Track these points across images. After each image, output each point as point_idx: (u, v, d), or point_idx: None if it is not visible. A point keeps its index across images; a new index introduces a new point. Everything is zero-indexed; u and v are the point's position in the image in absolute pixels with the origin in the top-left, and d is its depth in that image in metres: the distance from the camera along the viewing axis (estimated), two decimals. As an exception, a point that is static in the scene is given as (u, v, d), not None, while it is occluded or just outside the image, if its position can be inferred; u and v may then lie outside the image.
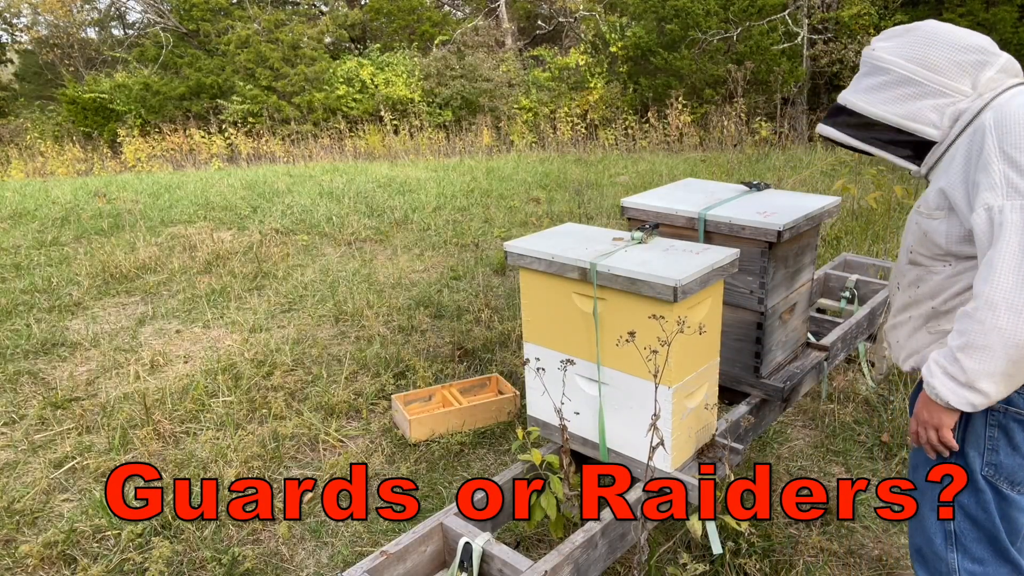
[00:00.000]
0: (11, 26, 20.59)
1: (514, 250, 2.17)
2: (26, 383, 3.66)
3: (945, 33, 1.41)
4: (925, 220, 1.45)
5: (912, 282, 1.54)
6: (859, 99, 1.46)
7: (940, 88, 1.39)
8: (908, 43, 1.43)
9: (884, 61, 1.44)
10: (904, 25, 1.48)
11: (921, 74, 1.40)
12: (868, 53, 1.48)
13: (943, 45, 1.40)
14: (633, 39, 13.83)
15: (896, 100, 1.43)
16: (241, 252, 5.84)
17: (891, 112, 1.43)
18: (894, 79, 1.42)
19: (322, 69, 15.39)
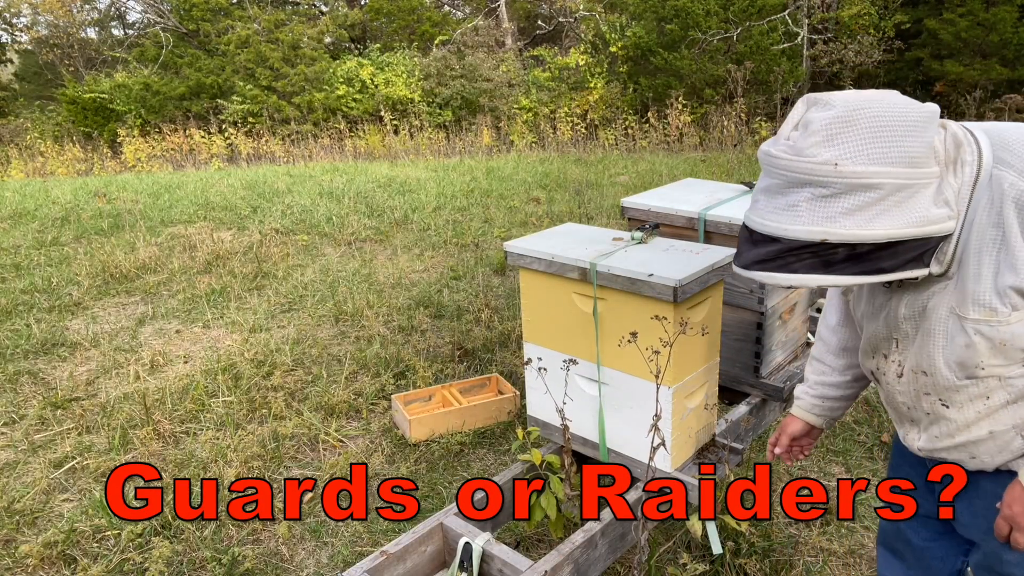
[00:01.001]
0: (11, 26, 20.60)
1: (514, 250, 2.17)
2: (26, 383, 3.66)
3: (893, 112, 1.12)
4: (997, 328, 1.18)
5: (978, 396, 1.26)
6: (848, 227, 1.10)
7: (927, 180, 1.14)
8: (871, 142, 1.09)
9: (865, 176, 1.09)
10: (829, 114, 1.11)
11: (908, 175, 1.11)
12: (833, 173, 1.09)
13: (907, 129, 1.11)
14: (633, 39, 13.84)
15: (891, 212, 1.11)
16: (241, 252, 5.84)
17: (898, 226, 1.12)
18: (884, 194, 1.10)
19: (322, 69, 15.39)
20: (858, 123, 1.09)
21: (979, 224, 1.17)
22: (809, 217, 1.10)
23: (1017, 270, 1.13)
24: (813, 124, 1.11)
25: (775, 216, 1.14)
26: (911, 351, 1.31)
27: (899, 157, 1.10)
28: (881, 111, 1.10)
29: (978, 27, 11.13)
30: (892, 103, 1.12)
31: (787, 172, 1.11)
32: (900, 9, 12.56)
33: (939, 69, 11.60)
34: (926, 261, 1.18)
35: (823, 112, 1.11)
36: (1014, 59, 10.99)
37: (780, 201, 1.14)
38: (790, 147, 1.12)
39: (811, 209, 1.10)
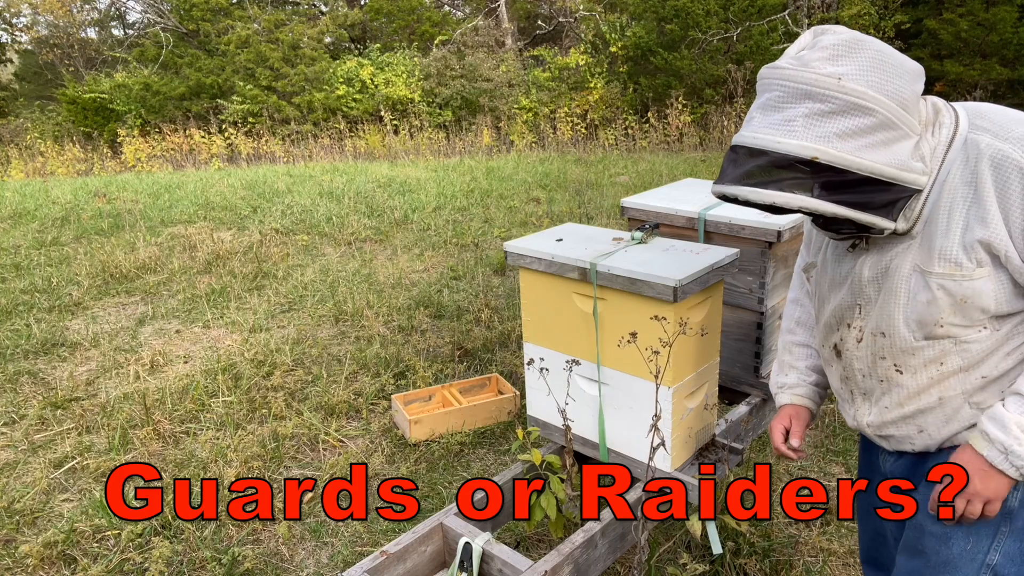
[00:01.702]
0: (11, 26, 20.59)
1: (514, 250, 2.17)
2: (26, 383, 3.66)
3: (892, 54, 1.15)
4: (961, 283, 1.18)
5: (932, 360, 1.26)
6: (840, 149, 1.09)
7: (910, 129, 1.15)
8: (872, 70, 1.11)
9: (865, 98, 1.09)
10: (838, 37, 1.14)
11: (899, 115, 1.13)
12: (835, 86, 1.10)
13: (902, 72, 1.14)
14: (633, 39, 13.84)
15: (879, 147, 1.12)
16: (241, 252, 5.84)
17: (883, 163, 1.12)
18: (877, 123, 1.11)
19: (322, 69, 15.39)
20: (864, 51, 1.12)
21: (951, 183, 1.19)
22: (804, 133, 1.10)
23: (987, 223, 1.15)
24: (821, 42, 1.14)
25: (769, 130, 1.13)
26: (873, 314, 1.32)
27: (894, 92, 1.12)
28: (884, 48, 1.15)
29: (978, 27, 11.12)
30: (890, 49, 1.16)
31: (789, 82, 1.12)
32: (900, 9, 12.56)
33: (939, 69, 11.60)
34: (894, 214, 1.19)
35: (831, 37, 1.15)
36: (1014, 59, 10.99)
37: (776, 116, 1.14)
38: (797, 59, 1.14)
39: (807, 125, 1.10)
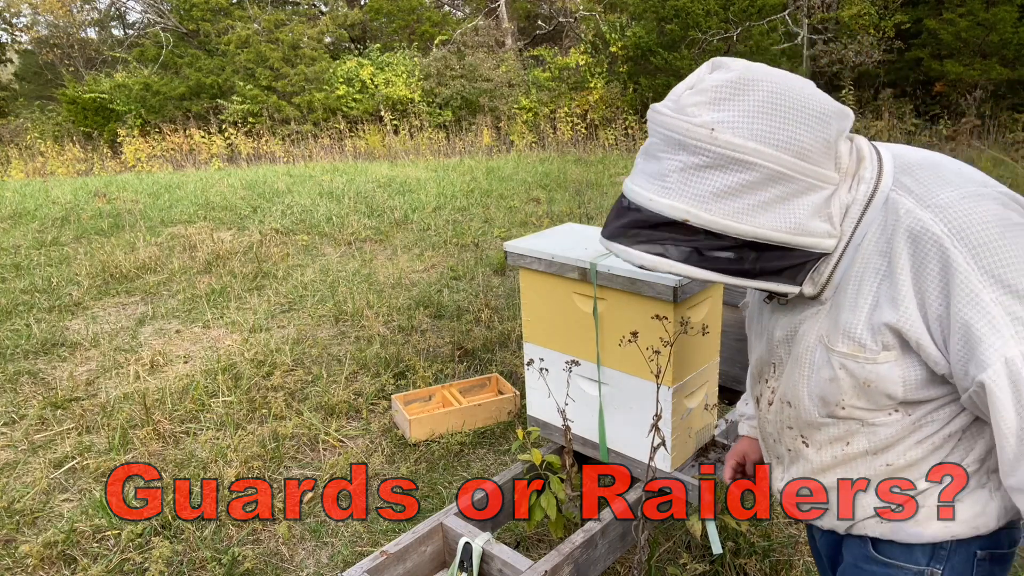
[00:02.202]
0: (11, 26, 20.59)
1: (514, 250, 2.17)
2: (26, 383, 3.66)
3: (793, 94, 0.96)
4: (864, 366, 1.03)
5: (837, 438, 1.14)
6: (714, 212, 0.94)
7: (817, 180, 0.98)
8: (759, 116, 0.94)
9: (743, 151, 0.93)
10: (726, 76, 0.97)
11: (794, 167, 0.95)
12: (707, 138, 0.94)
13: (805, 116, 0.95)
14: (633, 39, 13.84)
15: (767, 206, 0.95)
16: (241, 252, 5.84)
17: (769, 227, 0.96)
18: (763, 178, 0.94)
19: (322, 69, 15.39)
20: (752, 92, 0.95)
21: (865, 249, 1.02)
22: (677, 190, 0.95)
23: (898, 305, 0.98)
24: (705, 82, 0.98)
25: (645, 183, 1.00)
26: (783, 379, 1.20)
27: (788, 141, 0.94)
28: (781, 89, 0.96)
29: (978, 27, 11.12)
30: (797, 87, 0.97)
31: (664, 130, 0.98)
32: (900, 9, 12.56)
33: (939, 69, 11.60)
34: (799, 279, 1.04)
35: (719, 75, 0.98)
36: (1014, 59, 10.99)
37: (653, 167, 1.00)
38: (675, 102, 0.99)
39: (680, 181, 0.96)
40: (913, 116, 11.46)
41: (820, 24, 13.21)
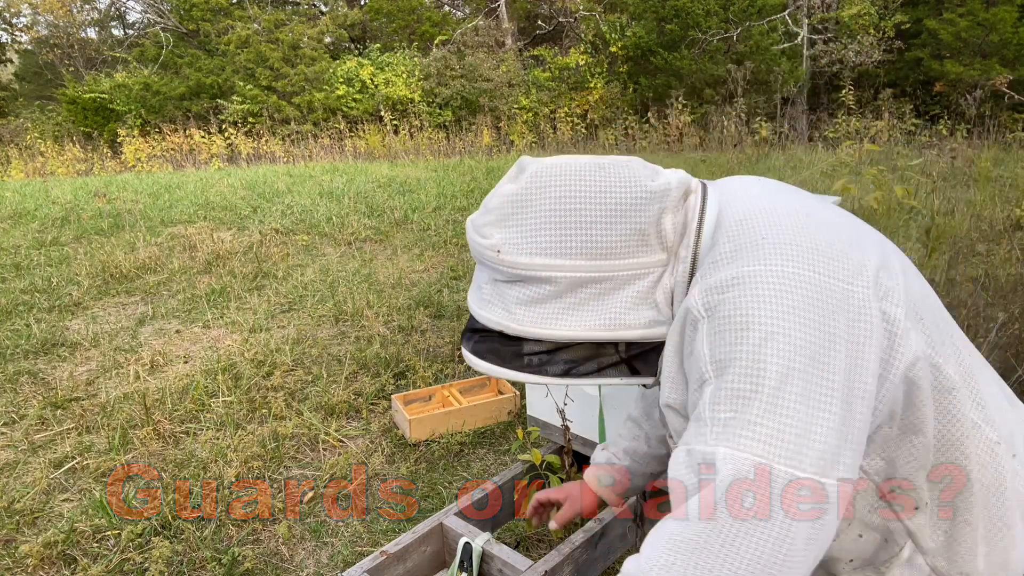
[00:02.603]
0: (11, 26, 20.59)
1: (514, 250, 2.17)
2: (26, 383, 3.66)
3: (591, 192, 0.91)
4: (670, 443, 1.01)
5: None
6: (523, 321, 0.93)
7: (634, 271, 0.93)
8: (545, 229, 0.90)
9: (532, 269, 0.91)
10: (512, 189, 0.94)
11: (597, 268, 0.91)
12: (496, 259, 0.92)
13: (603, 215, 0.91)
14: (633, 39, 13.84)
15: (579, 307, 0.93)
16: (241, 252, 5.84)
17: (583, 327, 0.93)
18: (565, 287, 0.92)
19: (322, 69, 15.39)
20: (534, 205, 0.92)
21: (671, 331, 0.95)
22: (489, 301, 0.96)
23: (675, 386, 0.94)
24: (495, 198, 0.96)
25: (471, 291, 1.01)
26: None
27: (580, 248, 0.91)
28: (571, 193, 0.92)
29: (978, 27, 11.13)
30: (594, 183, 0.93)
31: (471, 244, 0.98)
32: (900, 9, 12.56)
33: (939, 69, 11.60)
34: (633, 368, 0.99)
35: (509, 184, 0.96)
36: (1014, 59, 10.99)
37: (477, 276, 1.01)
38: (474, 220, 0.98)
39: (491, 293, 0.96)
40: (913, 116, 11.47)
41: (820, 24, 13.22)
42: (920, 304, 0.91)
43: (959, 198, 6.57)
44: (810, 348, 0.78)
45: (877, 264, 0.88)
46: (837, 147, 9.96)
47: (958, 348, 0.94)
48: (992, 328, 3.29)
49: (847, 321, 0.80)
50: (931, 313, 0.93)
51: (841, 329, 0.80)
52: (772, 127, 11.45)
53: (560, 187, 0.92)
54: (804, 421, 0.76)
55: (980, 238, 5.44)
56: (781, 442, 0.76)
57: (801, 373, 0.77)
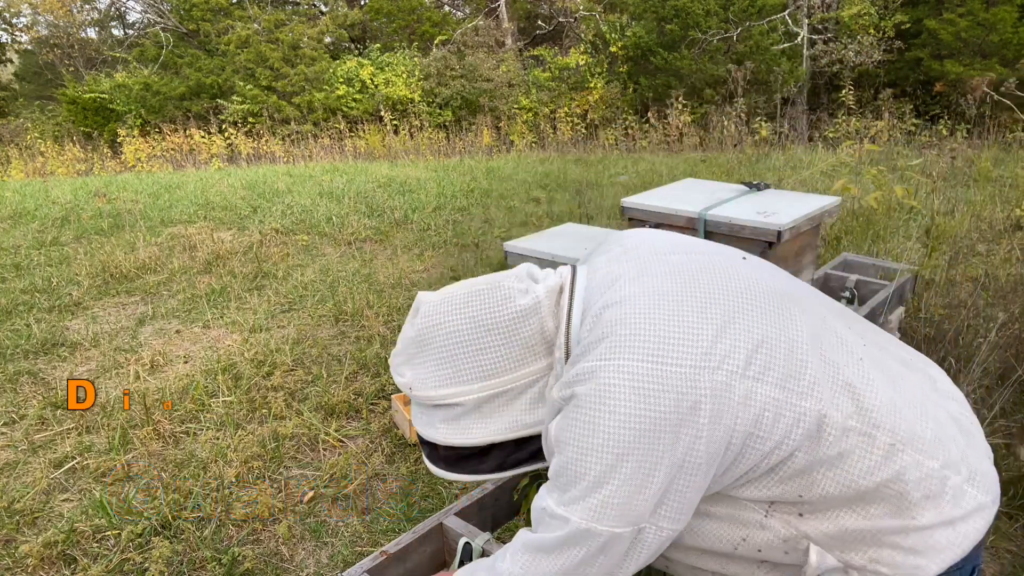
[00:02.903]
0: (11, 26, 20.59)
1: (514, 250, 2.17)
2: (26, 383, 3.66)
3: (476, 323, 1.07)
4: None
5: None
6: (448, 436, 1.12)
7: (524, 381, 1.09)
8: (443, 364, 1.08)
9: (442, 399, 1.09)
10: (409, 334, 1.12)
11: (494, 385, 1.08)
12: (411, 395, 1.13)
13: (489, 342, 1.07)
14: (633, 39, 13.84)
15: (488, 418, 1.10)
16: (241, 252, 5.84)
17: (494, 432, 1.11)
18: (471, 406, 1.09)
19: (322, 69, 15.39)
20: (431, 345, 1.09)
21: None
22: (419, 420, 1.15)
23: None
24: (400, 342, 1.15)
25: (412, 409, 1.20)
26: None
27: (477, 372, 1.07)
28: (459, 328, 1.07)
29: (978, 27, 11.13)
30: (478, 313, 1.08)
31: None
32: (900, 9, 12.56)
33: (939, 69, 11.60)
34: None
35: (409, 328, 1.13)
36: (1014, 59, 10.99)
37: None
38: (391, 359, 1.17)
39: (422, 414, 1.15)
40: (913, 116, 11.47)
41: (820, 24, 13.22)
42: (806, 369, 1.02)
43: (959, 198, 6.57)
44: (635, 436, 0.94)
45: (752, 342, 0.99)
46: (837, 147, 9.96)
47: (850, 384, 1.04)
48: (992, 328, 3.29)
49: (685, 408, 0.95)
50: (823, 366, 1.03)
51: (671, 417, 0.94)
52: (772, 127, 11.45)
53: (446, 324, 1.08)
54: (617, 497, 0.97)
55: (980, 238, 5.44)
56: (605, 509, 0.97)
57: (625, 457, 0.95)
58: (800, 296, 1.11)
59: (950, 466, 1.06)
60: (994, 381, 3.06)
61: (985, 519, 1.08)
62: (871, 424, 1.02)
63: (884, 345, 1.16)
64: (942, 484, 1.04)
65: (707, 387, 0.95)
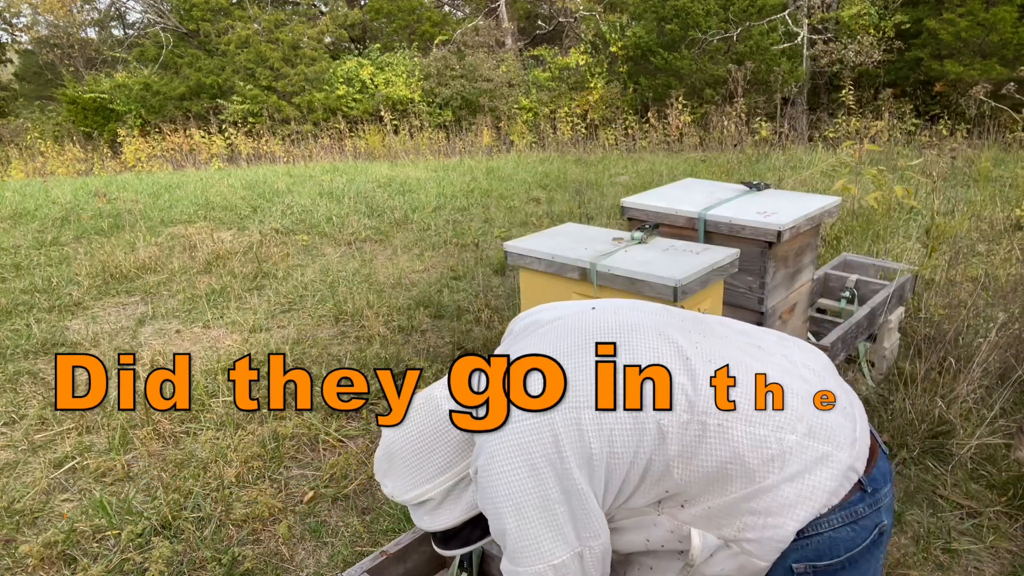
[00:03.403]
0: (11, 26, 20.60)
1: (514, 250, 2.17)
2: (26, 383, 3.66)
3: (420, 436, 1.33)
4: None
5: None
6: (435, 523, 1.38)
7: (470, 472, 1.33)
8: (409, 472, 1.34)
9: (416, 498, 1.35)
10: (379, 454, 1.39)
11: (449, 477, 1.33)
12: (397, 500, 1.41)
13: (433, 445, 1.32)
14: (633, 39, 13.84)
15: (456, 502, 1.36)
16: (241, 252, 5.84)
17: (461, 514, 1.37)
18: (441, 497, 1.35)
19: (322, 69, 15.39)
20: (395, 458, 1.35)
21: None
22: (414, 517, 1.41)
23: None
24: (375, 461, 1.41)
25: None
26: None
27: (432, 472, 1.32)
28: (407, 440, 1.33)
29: (978, 27, 11.12)
30: (416, 425, 1.33)
31: None
32: (900, 9, 12.56)
33: (939, 69, 11.60)
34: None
35: (379, 450, 1.39)
36: (1014, 59, 10.99)
37: None
38: (374, 474, 1.46)
39: (411, 511, 1.41)
40: (913, 116, 11.47)
41: (820, 24, 13.21)
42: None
43: (959, 198, 6.57)
44: (523, 485, 1.17)
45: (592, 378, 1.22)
46: (837, 147, 9.96)
47: (681, 384, 1.21)
48: (992, 328, 3.29)
49: (552, 449, 1.17)
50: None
51: (545, 460, 1.17)
52: (772, 127, 11.45)
53: (400, 440, 1.34)
54: (540, 536, 1.18)
55: (980, 238, 5.44)
56: (540, 553, 1.18)
57: (524, 505, 1.18)
58: (636, 323, 1.31)
59: (784, 427, 1.17)
60: (994, 381, 3.06)
61: (831, 468, 1.17)
62: (702, 412, 1.17)
63: (724, 335, 1.34)
64: (780, 445, 1.16)
65: (561, 425, 1.17)
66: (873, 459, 1.25)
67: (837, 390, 1.28)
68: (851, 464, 1.18)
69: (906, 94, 12.58)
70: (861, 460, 1.21)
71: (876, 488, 1.21)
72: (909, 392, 3.00)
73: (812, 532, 1.17)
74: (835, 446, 1.18)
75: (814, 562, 1.19)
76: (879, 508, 1.21)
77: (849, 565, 1.20)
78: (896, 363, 3.44)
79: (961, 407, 2.86)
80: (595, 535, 1.20)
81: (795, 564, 1.19)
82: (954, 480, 2.61)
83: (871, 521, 1.20)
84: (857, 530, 1.18)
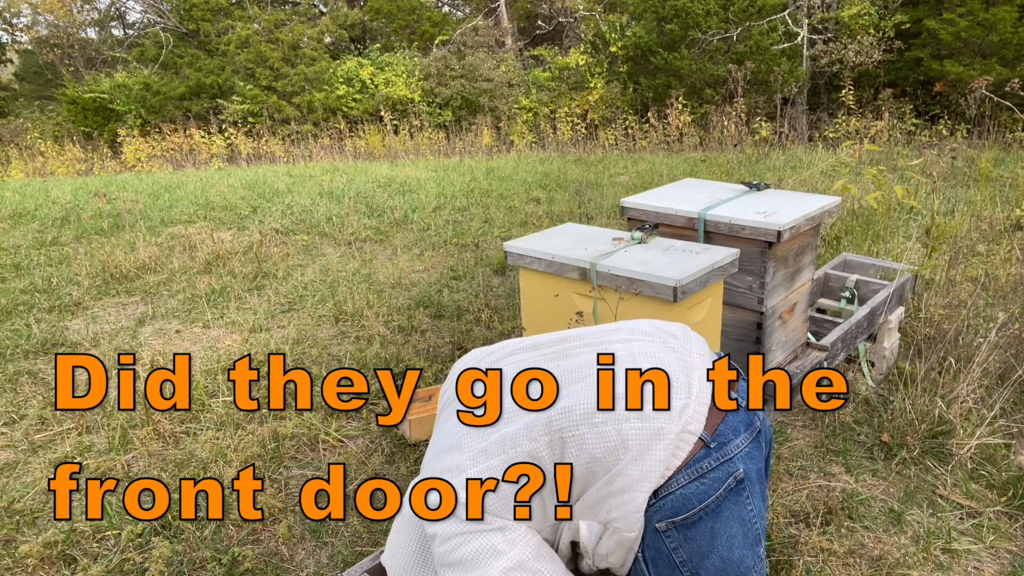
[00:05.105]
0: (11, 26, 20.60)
1: (514, 250, 2.18)
2: (26, 383, 3.66)
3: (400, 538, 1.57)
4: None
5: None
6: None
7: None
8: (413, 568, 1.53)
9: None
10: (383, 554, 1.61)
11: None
12: None
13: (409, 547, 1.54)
14: (633, 39, 13.84)
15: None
16: (241, 252, 5.84)
17: None
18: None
19: (322, 69, 15.39)
20: (400, 553, 1.53)
21: None
22: None
23: None
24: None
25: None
26: None
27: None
28: (398, 548, 1.53)
29: (978, 27, 11.12)
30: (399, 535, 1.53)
31: None
32: (900, 9, 12.56)
33: (939, 69, 11.60)
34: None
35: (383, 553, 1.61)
36: (1014, 59, 10.99)
37: None
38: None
39: None
40: (913, 116, 11.47)
41: (820, 24, 13.21)
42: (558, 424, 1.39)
43: (959, 198, 6.58)
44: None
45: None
46: (837, 147, 9.96)
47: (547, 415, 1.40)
48: (992, 328, 3.29)
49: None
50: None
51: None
52: (772, 127, 11.45)
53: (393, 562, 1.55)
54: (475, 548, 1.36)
55: (980, 238, 5.44)
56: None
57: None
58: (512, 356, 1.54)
59: (620, 419, 1.32)
60: (994, 381, 3.06)
61: (664, 439, 1.30)
62: (558, 429, 1.34)
63: (569, 352, 1.50)
64: (618, 433, 1.31)
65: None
66: (717, 416, 1.35)
67: (673, 364, 1.40)
68: (681, 430, 1.31)
69: (906, 94, 12.58)
70: (697, 422, 1.32)
71: (723, 442, 1.32)
72: (909, 392, 3.00)
73: (664, 493, 1.31)
74: (666, 419, 1.31)
75: (672, 518, 1.32)
76: (731, 459, 1.32)
77: (708, 515, 1.32)
78: (896, 363, 3.44)
79: (961, 407, 2.86)
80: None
81: (658, 524, 1.33)
82: (954, 480, 2.61)
83: (722, 472, 1.31)
84: (707, 483, 1.30)
